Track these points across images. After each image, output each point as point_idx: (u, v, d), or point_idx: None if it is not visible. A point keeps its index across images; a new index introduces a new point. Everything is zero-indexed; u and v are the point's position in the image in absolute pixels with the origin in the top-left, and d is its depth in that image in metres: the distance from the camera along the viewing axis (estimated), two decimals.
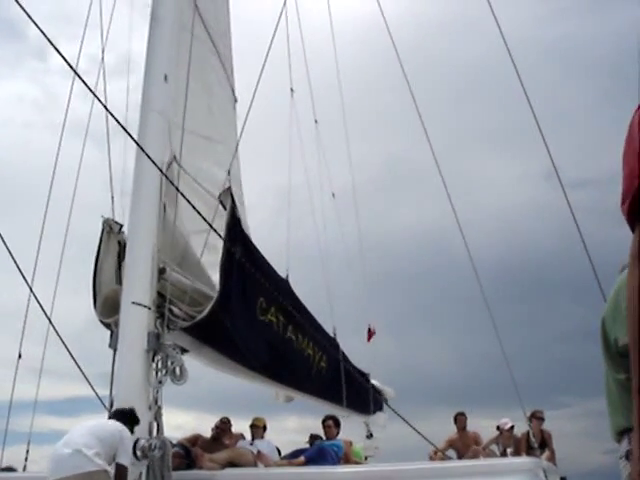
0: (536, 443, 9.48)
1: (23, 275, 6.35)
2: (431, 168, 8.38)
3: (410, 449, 8.76)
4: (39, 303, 6.70)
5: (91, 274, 7.07)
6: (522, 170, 30.59)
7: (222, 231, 6.72)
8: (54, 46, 4.63)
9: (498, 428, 10.33)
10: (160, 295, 6.31)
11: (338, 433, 8.59)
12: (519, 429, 10.09)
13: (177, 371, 6.06)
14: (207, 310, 6.35)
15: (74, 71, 4.89)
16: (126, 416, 5.67)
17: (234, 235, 6.76)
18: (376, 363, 11.01)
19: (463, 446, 10.18)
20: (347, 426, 10.35)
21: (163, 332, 6.11)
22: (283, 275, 8.22)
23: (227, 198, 6.81)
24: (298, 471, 7.05)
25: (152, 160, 5.95)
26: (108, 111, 5.88)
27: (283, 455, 8.39)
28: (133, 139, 5.99)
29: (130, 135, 5.79)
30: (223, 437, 8.24)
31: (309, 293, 9.29)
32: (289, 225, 9.94)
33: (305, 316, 8.15)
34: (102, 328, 6.76)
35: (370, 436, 11.12)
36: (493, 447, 10.42)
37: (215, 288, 6.77)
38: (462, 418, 10.52)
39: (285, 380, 8.24)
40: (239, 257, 6.67)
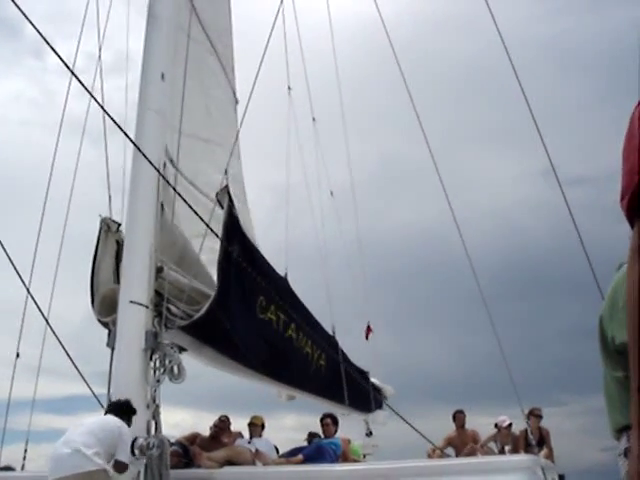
0: (534, 440, 9.48)
1: (20, 276, 6.34)
2: (429, 166, 8.37)
3: (409, 447, 8.76)
4: (36, 304, 6.69)
5: (89, 273, 7.06)
6: (520, 168, 30.61)
7: (220, 231, 6.71)
8: (50, 45, 4.62)
9: (496, 426, 10.33)
10: (158, 294, 6.31)
11: (336, 431, 8.59)
12: (517, 427, 10.11)
13: (175, 370, 6.07)
14: (205, 309, 6.35)
15: (70, 70, 4.87)
16: (122, 408, 5.68)
17: (231, 234, 6.74)
18: (375, 361, 11.00)
19: (462, 444, 10.16)
20: (346, 424, 10.36)
21: (161, 331, 6.11)
22: (282, 273, 8.21)
23: (224, 197, 6.78)
24: (296, 469, 7.05)
25: (148, 159, 5.94)
26: (104, 110, 5.85)
27: (281, 453, 8.38)
28: (129, 138, 5.98)
29: (126, 134, 5.79)
30: (221, 435, 8.23)
31: (308, 291, 9.28)
32: (287, 223, 9.94)
33: (304, 314, 8.15)
34: (100, 326, 6.76)
35: (370, 434, 11.11)
36: (491, 445, 10.42)
37: (214, 287, 6.76)
38: (461, 416, 10.50)
39: (284, 378, 8.24)
40: (237, 256, 6.66)
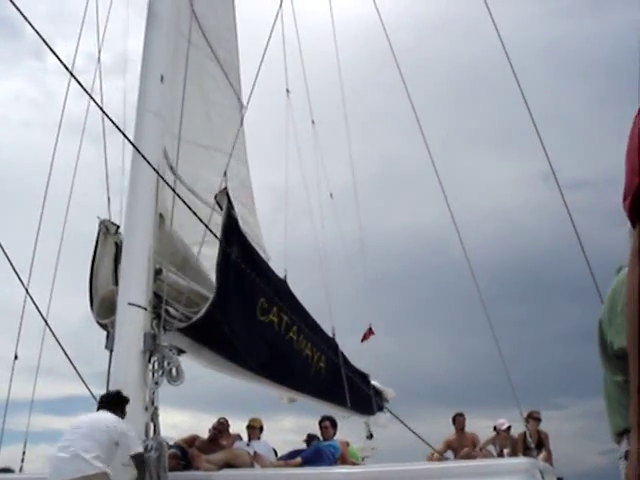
0: (533, 443, 9.46)
1: (19, 276, 6.31)
2: (429, 169, 8.38)
3: (409, 449, 8.74)
4: (35, 305, 6.66)
5: (88, 275, 7.04)
6: (520, 171, 30.64)
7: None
8: (49, 46, 4.61)
9: (495, 429, 10.32)
10: (156, 296, 6.30)
11: (335, 434, 8.58)
12: (516, 430, 10.10)
13: (173, 372, 6.05)
14: (203, 311, 6.33)
15: (69, 71, 4.87)
16: (114, 400, 5.68)
17: (230, 235, 6.72)
18: (375, 363, 10.99)
19: (461, 447, 10.14)
20: (347, 426, 10.36)
21: (159, 333, 6.09)
22: (281, 275, 8.20)
23: (223, 199, 6.76)
24: (295, 472, 7.03)
25: (147, 160, 5.92)
26: (103, 112, 5.83)
27: (280, 456, 8.37)
28: (129, 140, 5.97)
29: (125, 136, 5.77)
30: (220, 438, 8.21)
31: (308, 293, 9.27)
32: (286, 226, 9.94)
33: (304, 316, 8.13)
34: (99, 327, 6.75)
35: (370, 436, 11.08)
36: (490, 447, 10.41)
37: (213, 289, 6.74)
38: (460, 419, 10.48)
39: (284, 381, 8.21)
40: (236, 257, 6.64)
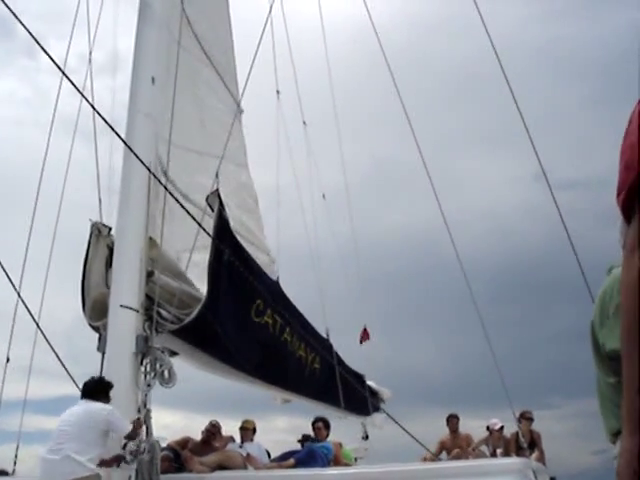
0: (525, 443, 9.49)
1: (10, 280, 6.25)
2: (421, 169, 8.39)
3: (403, 450, 8.74)
4: (26, 307, 6.62)
5: (80, 278, 6.99)
6: (513, 171, 30.67)
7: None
8: (41, 46, 4.60)
9: (488, 428, 10.35)
10: (148, 298, 6.27)
11: (328, 435, 8.58)
12: (509, 429, 10.12)
13: (166, 374, 6.03)
14: (195, 312, 6.30)
15: (61, 70, 4.84)
16: (97, 388, 5.66)
17: (222, 236, 6.69)
18: (370, 364, 10.97)
19: (455, 448, 10.18)
20: (343, 427, 10.36)
21: (151, 335, 6.07)
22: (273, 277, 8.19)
23: (215, 200, 6.72)
24: (288, 474, 7.03)
25: (140, 159, 5.90)
26: (96, 111, 5.82)
27: (273, 458, 8.35)
28: (122, 139, 5.95)
29: (119, 135, 5.76)
30: (213, 440, 8.19)
31: (300, 295, 9.26)
32: (279, 227, 9.94)
33: (297, 318, 8.11)
34: (91, 329, 6.70)
35: (366, 437, 11.07)
36: (483, 448, 10.43)
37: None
38: (454, 420, 10.51)
39: (278, 382, 8.19)
40: (228, 258, 6.62)
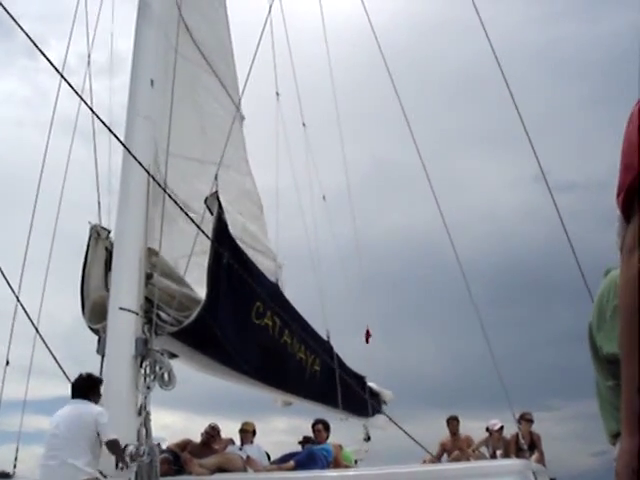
0: (525, 445, 9.50)
1: (9, 283, 6.23)
2: (422, 170, 8.39)
3: (404, 452, 8.72)
4: (25, 311, 6.59)
5: (79, 281, 6.98)
6: (514, 173, 30.63)
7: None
8: (39, 49, 4.59)
9: (487, 430, 10.35)
10: (148, 300, 6.26)
11: (328, 437, 8.58)
12: (508, 430, 10.13)
13: (165, 376, 6.02)
14: (194, 315, 6.28)
15: (59, 73, 4.84)
16: (87, 385, 5.67)
17: (221, 239, 6.68)
18: (370, 365, 10.97)
19: (455, 449, 10.19)
20: (345, 429, 10.35)
21: (151, 337, 6.05)
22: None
23: (214, 202, 6.71)
24: (287, 476, 7.04)
25: (139, 162, 5.89)
26: (94, 114, 5.81)
27: (272, 460, 8.35)
28: (120, 141, 5.93)
29: (116, 136, 5.73)
30: (212, 442, 8.18)
31: (301, 296, 9.25)
32: (278, 229, 9.94)
33: (297, 320, 8.10)
34: (91, 331, 6.70)
35: (368, 439, 11.06)
36: (483, 449, 10.43)
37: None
38: (454, 423, 10.52)
39: (279, 384, 8.17)
40: (227, 260, 6.61)
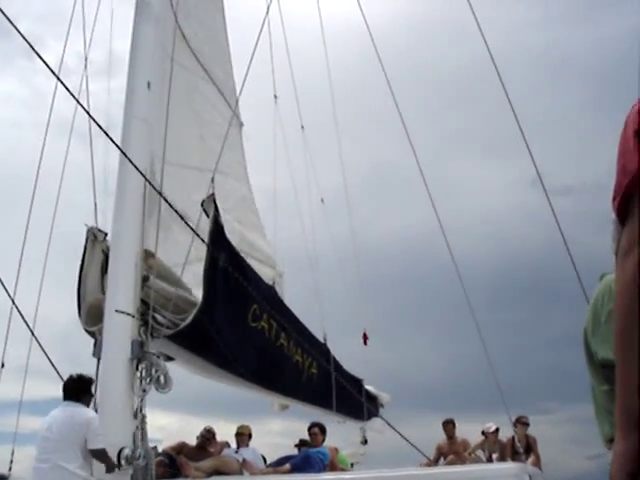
0: (521, 448, 9.50)
1: (4, 285, 6.22)
2: (418, 174, 8.41)
3: (401, 455, 8.73)
4: (20, 314, 6.58)
5: (75, 283, 6.97)
6: (511, 177, 30.69)
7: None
8: (36, 52, 4.59)
9: (483, 433, 10.36)
10: (144, 303, 6.25)
11: (324, 440, 8.56)
12: (504, 433, 10.14)
13: (161, 379, 6.00)
14: (190, 317, 6.27)
15: (56, 76, 4.84)
16: (79, 387, 5.68)
17: (218, 241, 6.68)
18: (368, 368, 10.96)
19: (451, 453, 10.21)
20: (342, 432, 10.35)
21: (147, 340, 6.04)
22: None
23: (210, 205, 6.70)
24: (283, 479, 7.02)
25: (135, 166, 5.89)
26: (91, 117, 5.81)
27: (268, 463, 8.35)
28: (116, 145, 5.93)
29: (113, 141, 5.74)
30: (208, 445, 8.17)
31: (298, 298, 9.24)
32: (275, 232, 9.95)
33: (294, 323, 8.10)
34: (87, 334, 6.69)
35: (365, 442, 11.05)
36: (479, 452, 10.44)
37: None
38: (450, 426, 10.53)
39: (275, 387, 8.17)
40: (223, 263, 6.61)
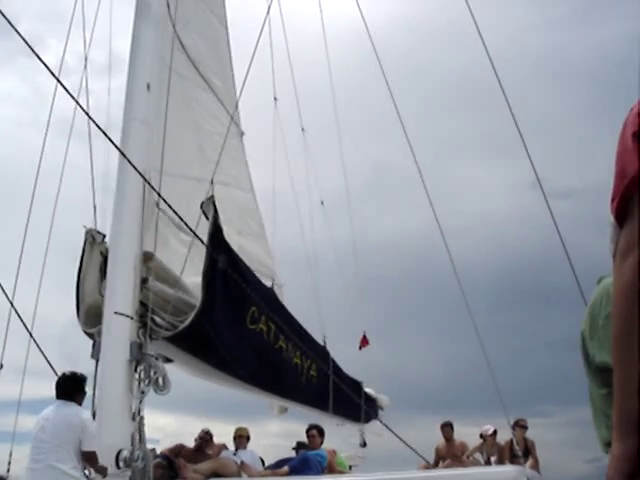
0: (520, 451, 9.50)
1: (2, 288, 6.22)
2: (418, 176, 8.42)
3: (399, 457, 8.71)
4: (18, 315, 6.58)
5: (74, 285, 6.97)
6: (510, 179, 30.77)
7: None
8: (35, 53, 4.59)
9: (481, 436, 10.35)
10: (143, 305, 6.25)
11: (322, 442, 8.56)
12: (502, 436, 10.14)
13: (160, 381, 6.00)
14: (189, 319, 6.28)
15: (55, 77, 4.84)
16: (72, 386, 5.70)
17: (217, 244, 6.67)
18: (367, 370, 10.96)
19: (450, 456, 10.20)
20: (341, 434, 10.34)
21: (146, 342, 6.04)
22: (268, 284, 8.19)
23: (209, 207, 6.70)
24: None
25: (134, 167, 5.88)
26: (90, 118, 5.81)
27: (267, 465, 8.34)
28: (116, 146, 5.93)
29: (112, 142, 5.73)
30: (206, 447, 8.17)
31: (297, 300, 9.23)
32: (274, 235, 9.95)
33: (293, 325, 8.09)
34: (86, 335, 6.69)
35: (364, 444, 11.05)
36: (477, 455, 10.43)
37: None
38: (447, 429, 10.53)
39: (274, 390, 8.16)
40: (222, 265, 6.60)
